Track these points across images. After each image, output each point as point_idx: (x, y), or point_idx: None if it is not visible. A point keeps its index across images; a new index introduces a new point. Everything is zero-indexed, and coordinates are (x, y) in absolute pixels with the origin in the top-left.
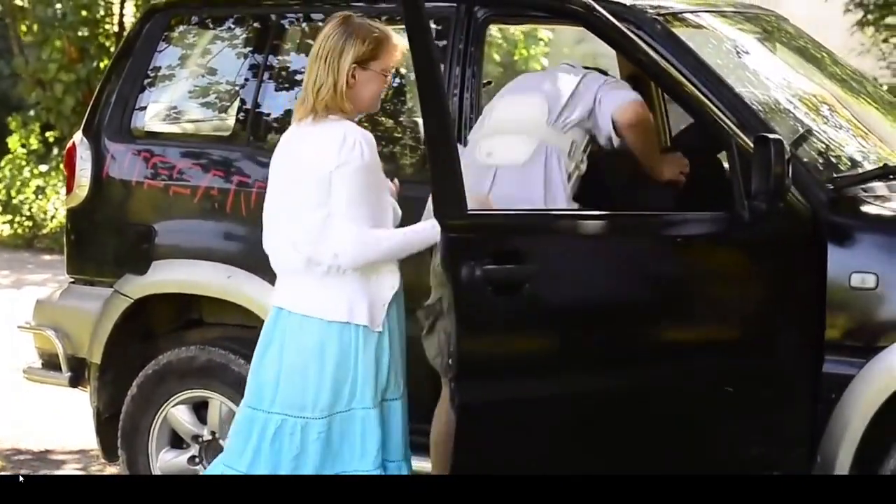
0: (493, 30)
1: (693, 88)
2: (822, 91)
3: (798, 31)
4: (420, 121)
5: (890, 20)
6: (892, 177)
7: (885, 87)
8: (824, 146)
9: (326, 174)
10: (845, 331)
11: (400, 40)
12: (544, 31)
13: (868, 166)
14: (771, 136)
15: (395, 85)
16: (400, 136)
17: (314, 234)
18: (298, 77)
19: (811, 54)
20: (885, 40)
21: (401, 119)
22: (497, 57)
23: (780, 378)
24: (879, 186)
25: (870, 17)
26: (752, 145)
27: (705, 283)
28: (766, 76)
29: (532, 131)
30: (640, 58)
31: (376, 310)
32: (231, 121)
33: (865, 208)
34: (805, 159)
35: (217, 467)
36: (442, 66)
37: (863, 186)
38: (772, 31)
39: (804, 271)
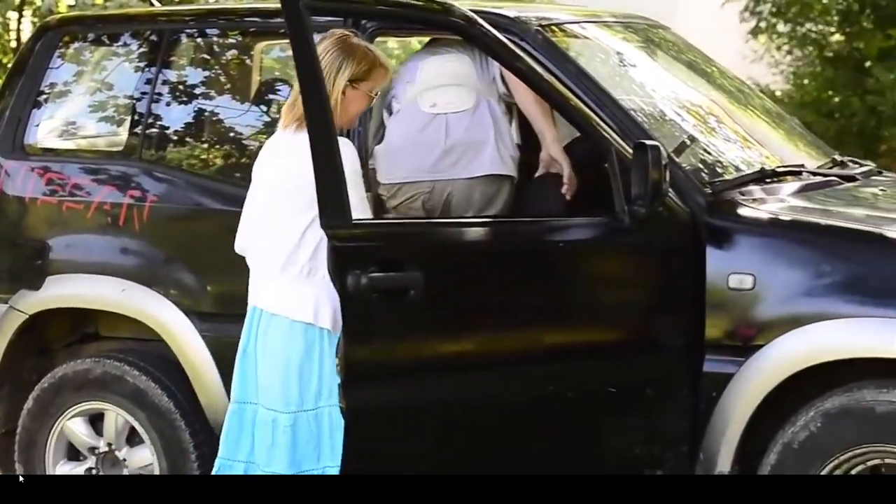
0: (393, 42)
1: (574, 97)
2: (704, 99)
3: (681, 40)
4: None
5: (782, 28)
6: (769, 180)
7: (777, 93)
8: (705, 152)
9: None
10: (724, 330)
11: (389, 64)
12: None
13: (747, 171)
14: (648, 142)
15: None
16: None
17: (296, 238)
18: (196, 91)
19: (693, 63)
20: (778, 48)
21: None
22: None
23: (662, 378)
24: (756, 190)
25: (763, 24)
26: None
27: (588, 286)
28: (648, 85)
29: (467, 84)
30: (521, 67)
31: (339, 316)
32: (124, 136)
33: (742, 211)
34: (685, 165)
35: (218, 463)
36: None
37: (740, 190)
38: (655, 41)
39: (684, 273)
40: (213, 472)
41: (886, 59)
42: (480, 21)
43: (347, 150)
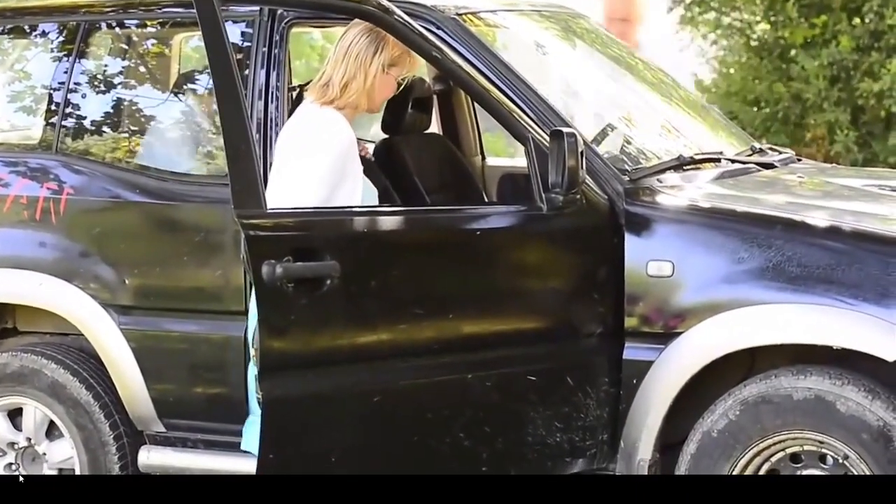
0: (317, 33)
1: (490, 85)
2: (623, 89)
3: (601, 29)
4: None
5: (708, 16)
6: (687, 168)
7: (705, 82)
8: (623, 140)
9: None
10: (644, 318)
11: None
12: None
13: (665, 158)
14: (565, 130)
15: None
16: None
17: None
18: (114, 82)
19: (613, 53)
20: (704, 36)
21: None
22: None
23: (582, 365)
24: (674, 177)
25: (689, 14)
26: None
27: (506, 274)
28: (567, 74)
29: None
30: (436, 56)
31: None
32: (40, 128)
33: (660, 198)
34: (603, 152)
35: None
36: (246, 68)
37: (658, 177)
38: (574, 31)
39: (602, 260)
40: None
41: (811, 47)
42: (395, 10)
43: (340, 129)
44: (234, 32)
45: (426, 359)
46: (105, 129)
